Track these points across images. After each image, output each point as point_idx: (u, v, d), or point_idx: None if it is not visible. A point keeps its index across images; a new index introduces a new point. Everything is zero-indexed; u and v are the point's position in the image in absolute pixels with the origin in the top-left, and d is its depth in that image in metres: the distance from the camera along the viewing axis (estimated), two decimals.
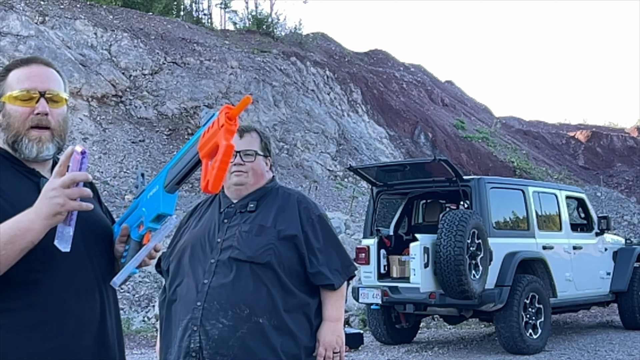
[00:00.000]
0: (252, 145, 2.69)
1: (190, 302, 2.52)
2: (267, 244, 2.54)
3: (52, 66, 1.89)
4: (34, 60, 1.86)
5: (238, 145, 2.62)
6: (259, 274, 2.52)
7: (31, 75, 1.83)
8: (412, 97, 24.34)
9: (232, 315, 2.48)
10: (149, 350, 8.60)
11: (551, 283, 8.60)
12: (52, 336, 1.72)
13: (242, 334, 2.47)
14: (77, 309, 1.78)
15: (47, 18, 16.95)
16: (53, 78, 1.86)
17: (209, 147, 1.60)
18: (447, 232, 7.46)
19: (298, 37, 24.42)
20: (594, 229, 9.77)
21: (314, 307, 2.63)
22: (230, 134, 1.57)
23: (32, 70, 1.85)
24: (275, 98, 19.09)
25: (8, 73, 1.85)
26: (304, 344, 2.58)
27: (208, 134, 1.62)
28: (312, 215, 2.65)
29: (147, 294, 10.72)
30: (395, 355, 8.27)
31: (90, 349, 1.80)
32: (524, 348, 7.95)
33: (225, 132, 1.57)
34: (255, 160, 2.69)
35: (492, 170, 20.90)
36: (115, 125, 15.13)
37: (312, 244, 2.61)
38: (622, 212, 19.51)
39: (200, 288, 2.52)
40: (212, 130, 1.60)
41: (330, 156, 18.37)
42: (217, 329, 2.47)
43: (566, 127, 33.16)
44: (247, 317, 2.48)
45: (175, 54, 18.43)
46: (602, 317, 11.29)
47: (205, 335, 2.47)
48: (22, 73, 1.83)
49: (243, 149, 2.67)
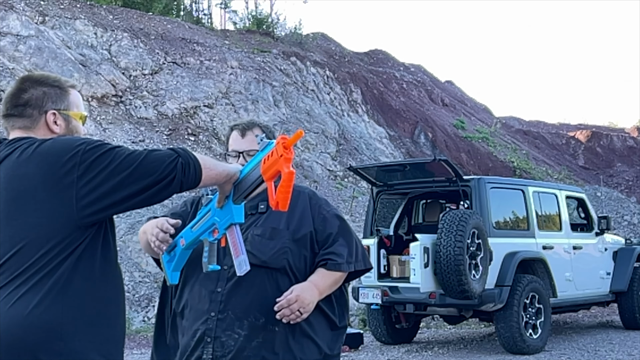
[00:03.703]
0: (255, 144, 2.54)
1: (202, 312, 2.44)
2: (282, 248, 2.46)
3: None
4: (77, 87, 2.26)
5: (241, 145, 2.60)
6: (274, 280, 2.44)
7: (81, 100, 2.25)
8: (412, 97, 24.33)
9: (247, 325, 2.39)
10: (149, 350, 8.60)
11: (551, 283, 8.60)
12: None
13: (257, 344, 2.39)
14: None
15: (47, 18, 16.95)
16: None
17: (271, 172, 1.96)
18: (447, 232, 7.46)
19: (298, 37, 24.41)
20: (594, 229, 9.77)
21: (333, 308, 2.54)
22: (289, 162, 1.91)
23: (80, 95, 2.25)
24: (275, 98, 19.09)
25: (67, 90, 2.18)
26: (325, 350, 2.49)
27: (269, 161, 1.97)
28: (324, 211, 2.56)
29: (147, 294, 10.71)
30: (395, 355, 8.27)
31: None
32: (524, 348, 7.95)
33: (285, 161, 1.91)
34: None
35: (492, 170, 20.89)
36: (115, 125, 15.12)
37: (326, 236, 2.52)
38: (622, 212, 19.51)
39: (213, 297, 2.43)
40: (273, 158, 1.95)
41: (330, 156, 18.36)
42: (233, 339, 2.39)
43: (566, 127, 33.13)
44: (262, 325, 2.40)
45: (175, 54, 18.42)
46: (602, 317, 11.29)
47: (221, 347, 2.39)
48: (78, 97, 2.22)
49: (246, 149, 2.58)
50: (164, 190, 1.99)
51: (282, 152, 1.90)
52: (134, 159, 1.96)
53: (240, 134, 2.62)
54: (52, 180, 1.93)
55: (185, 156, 2.02)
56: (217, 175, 2.10)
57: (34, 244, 1.92)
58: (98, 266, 2.01)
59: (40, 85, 2.13)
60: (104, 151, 1.96)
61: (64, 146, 1.97)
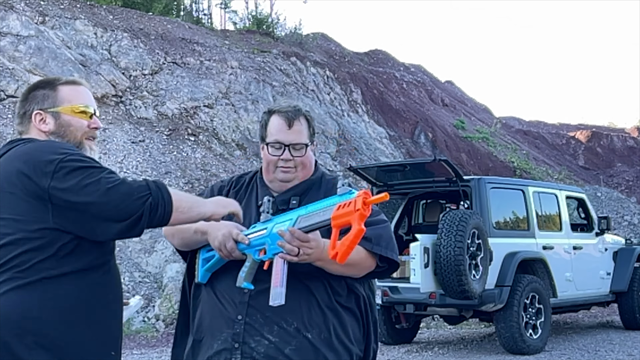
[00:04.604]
0: (302, 137, 2.34)
1: (228, 315, 2.25)
2: None
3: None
4: (79, 82, 2.27)
5: (287, 136, 2.32)
6: (306, 283, 2.25)
7: (85, 94, 2.23)
8: (412, 97, 24.32)
9: (278, 331, 2.20)
10: (149, 350, 8.60)
11: (551, 283, 8.60)
12: None
13: (290, 351, 2.19)
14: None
15: (47, 18, 16.94)
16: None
17: (342, 221, 1.92)
18: (447, 232, 7.46)
19: (298, 37, 24.39)
20: (594, 229, 9.77)
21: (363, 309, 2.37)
22: (363, 219, 1.87)
23: (84, 89, 2.25)
24: (275, 98, 19.07)
25: (56, 87, 2.19)
26: (357, 353, 2.33)
27: (343, 209, 1.93)
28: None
29: (147, 294, 10.70)
30: (395, 355, 8.27)
31: None
32: (524, 348, 7.94)
33: (360, 216, 1.87)
34: (306, 154, 2.37)
35: (492, 170, 20.88)
36: (115, 125, 15.11)
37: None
38: (622, 212, 19.50)
39: (239, 298, 2.25)
40: (348, 208, 1.91)
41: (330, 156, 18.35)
42: (263, 346, 2.20)
43: (566, 127, 33.13)
44: (295, 331, 2.21)
45: (175, 54, 18.41)
46: (602, 317, 11.28)
47: (249, 354, 2.20)
48: (77, 90, 2.22)
49: (293, 142, 2.32)
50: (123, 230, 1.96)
51: (360, 208, 1.88)
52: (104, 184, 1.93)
53: (288, 123, 2.32)
54: (29, 182, 1.97)
55: (156, 196, 1.96)
56: (187, 219, 2.07)
57: (16, 241, 1.96)
58: (82, 267, 2.01)
59: (31, 90, 2.21)
60: (79, 167, 1.96)
61: (42, 151, 2.00)
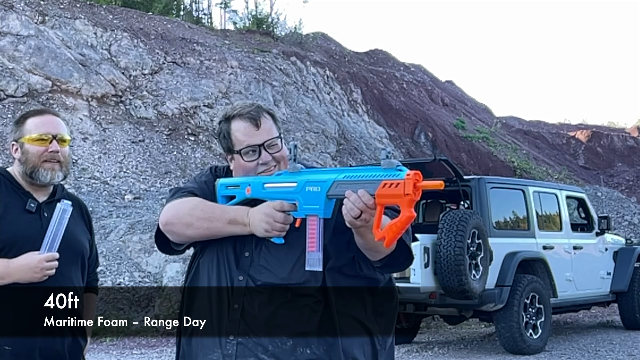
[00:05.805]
0: (273, 132, 2.14)
1: (218, 333, 2.06)
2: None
3: (59, 116, 2.56)
4: (46, 111, 2.55)
5: (258, 137, 2.11)
6: (296, 296, 2.05)
7: (46, 122, 2.49)
8: (412, 97, 24.32)
9: (272, 350, 2.00)
10: (149, 350, 8.60)
11: (551, 283, 8.59)
12: None
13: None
14: None
15: (47, 18, 16.94)
16: (61, 125, 2.52)
17: (388, 201, 1.76)
18: (448, 232, 7.45)
19: (298, 37, 24.40)
20: (595, 229, 9.76)
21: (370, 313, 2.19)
22: (412, 204, 1.73)
23: (46, 118, 2.50)
24: (275, 98, 19.07)
25: (25, 120, 2.50)
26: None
27: (389, 189, 1.75)
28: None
29: (147, 294, 10.70)
30: (395, 355, 8.26)
31: None
32: (524, 348, 7.94)
33: (409, 202, 1.72)
34: (282, 147, 2.16)
35: (492, 170, 20.88)
36: (115, 125, 15.11)
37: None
38: (623, 212, 19.50)
39: (230, 316, 2.04)
40: (396, 190, 1.73)
41: (330, 156, 18.34)
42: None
43: (566, 127, 33.14)
44: (291, 349, 2.01)
45: (175, 53, 18.41)
46: (602, 317, 11.28)
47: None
48: (38, 121, 2.48)
49: (266, 139, 2.12)
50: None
51: (411, 192, 1.71)
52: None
53: (254, 123, 2.12)
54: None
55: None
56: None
57: None
58: None
59: (15, 123, 2.57)
60: None
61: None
